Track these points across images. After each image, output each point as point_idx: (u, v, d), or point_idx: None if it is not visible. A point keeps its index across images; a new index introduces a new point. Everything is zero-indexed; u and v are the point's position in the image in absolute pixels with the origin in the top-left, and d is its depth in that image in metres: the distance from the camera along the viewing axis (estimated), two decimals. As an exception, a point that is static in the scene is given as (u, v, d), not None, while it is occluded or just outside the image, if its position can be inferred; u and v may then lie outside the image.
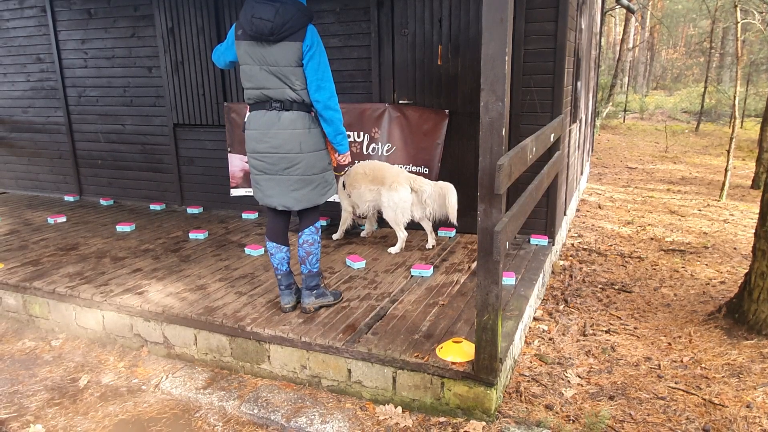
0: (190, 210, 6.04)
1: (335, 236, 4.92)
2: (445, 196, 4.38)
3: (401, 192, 4.36)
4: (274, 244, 3.35)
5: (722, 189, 7.84)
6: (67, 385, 3.26)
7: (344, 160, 3.39)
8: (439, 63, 4.80)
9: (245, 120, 3.27)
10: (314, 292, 3.41)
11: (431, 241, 4.66)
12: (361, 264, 4.22)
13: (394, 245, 4.60)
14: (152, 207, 6.24)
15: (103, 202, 6.52)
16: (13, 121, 7.00)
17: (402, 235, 4.52)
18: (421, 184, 4.42)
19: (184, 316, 3.43)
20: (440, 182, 4.46)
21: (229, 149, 5.66)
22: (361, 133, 5.09)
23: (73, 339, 3.82)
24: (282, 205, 3.23)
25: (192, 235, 5.06)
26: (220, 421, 2.89)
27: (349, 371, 3.05)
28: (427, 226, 4.63)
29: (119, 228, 5.35)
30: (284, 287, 3.43)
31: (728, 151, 7.95)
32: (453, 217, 4.40)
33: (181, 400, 3.09)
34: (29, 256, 4.59)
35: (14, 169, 7.21)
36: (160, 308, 3.51)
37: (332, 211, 5.30)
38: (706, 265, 5.13)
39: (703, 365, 3.34)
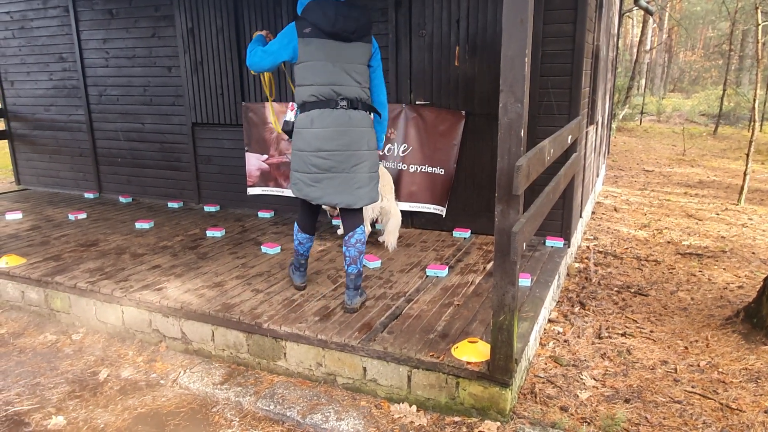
0: (207, 208, 6.11)
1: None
2: (389, 219, 4.52)
3: None
4: (307, 235, 3.58)
5: (741, 193, 7.75)
6: (87, 379, 3.32)
7: None
8: (456, 64, 4.81)
9: (291, 119, 3.33)
10: (359, 290, 3.49)
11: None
12: (376, 263, 4.25)
13: (395, 244, 4.70)
14: (170, 205, 6.32)
15: (122, 199, 6.62)
16: (35, 119, 7.13)
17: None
18: (385, 192, 4.54)
19: (202, 313, 3.47)
20: (395, 206, 4.56)
21: (246, 148, 5.72)
22: (378, 134, 5.11)
23: (93, 333, 3.89)
24: (345, 203, 3.30)
25: (209, 233, 5.12)
26: (237, 417, 2.93)
27: (365, 369, 3.07)
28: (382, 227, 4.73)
29: (138, 225, 5.43)
30: (304, 269, 3.75)
31: (747, 155, 7.85)
32: (387, 239, 4.52)
33: (199, 395, 3.13)
34: (51, 251, 4.67)
35: (36, 166, 7.35)
36: (178, 304, 3.56)
37: (275, 204, 5.78)
38: (724, 269, 5.08)
39: (720, 370, 3.32)
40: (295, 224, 3.59)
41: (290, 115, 3.35)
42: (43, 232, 5.29)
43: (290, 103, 3.34)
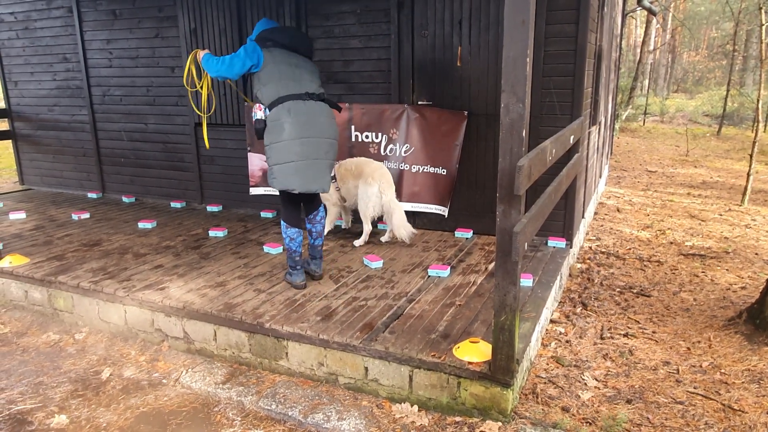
0: (209, 208, 6.12)
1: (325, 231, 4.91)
2: (392, 214, 4.55)
3: (373, 187, 4.56)
4: (296, 230, 3.73)
5: (744, 194, 7.73)
6: (90, 378, 3.33)
7: None
8: (458, 64, 4.81)
9: (262, 117, 3.50)
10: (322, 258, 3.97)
11: (386, 236, 4.89)
12: (378, 264, 4.25)
13: (381, 238, 4.82)
14: (173, 205, 6.34)
15: (125, 199, 6.64)
16: (39, 119, 7.16)
17: (367, 228, 4.73)
18: (385, 189, 4.57)
19: (204, 312, 3.48)
20: (395, 201, 4.60)
21: (249, 148, 5.73)
22: (380, 134, 5.12)
23: (96, 333, 3.90)
24: (321, 188, 3.58)
25: (212, 233, 5.13)
26: (239, 416, 2.94)
27: (366, 369, 3.07)
28: (388, 225, 4.77)
29: (141, 225, 5.44)
30: (300, 267, 3.82)
31: (751, 156, 7.83)
32: (398, 233, 4.57)
33: (201, 395, 3.14)
34: (54, 251, 4.69)
35: (40, 166, 7.37)
36: (180, 304, 3.57)
37: (278, 204, 5.81)
38: (727, 270, 5.07)
39: (722, 370, 3.31)
40: (282, 222, 3.75)
41: (260, 114, 3.50)
42: (47, 231, 5.31)
43: (257, 104, 3.50)
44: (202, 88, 4.01)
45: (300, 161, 3.46)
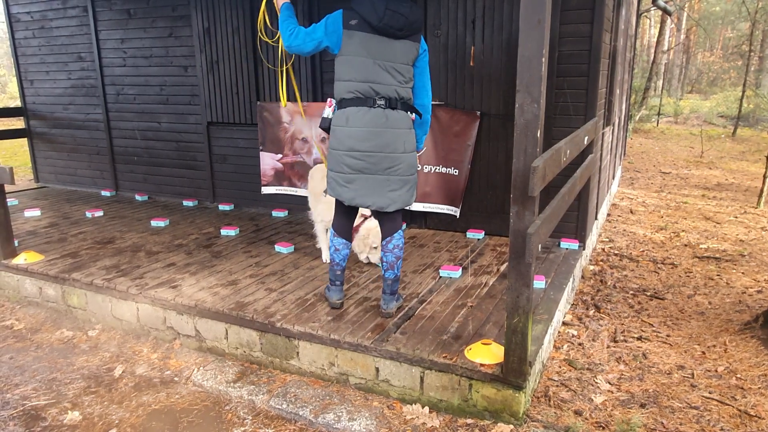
0: (221, 207, 6.14)
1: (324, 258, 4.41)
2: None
3: None
4: (343, 240, 3.36)
5: (760, 196, 7.62)
6: (102, 375, 3.35)
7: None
8: (471, 64, 4.79)
9: (329, 116, 3.17)
10: (396, 295, 3.41)
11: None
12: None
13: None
14: (185, 203, 6.37)
15: (138, 197, 6.69)
16: (54, 118, 7.23)
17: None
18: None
19: (216, 311, 3.49)
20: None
21: (261, 148, 5.75)
22: (392, 134, 5.10)
23: (108, 330, 3.93)
24: (377, 205, 3.15)
25: (223, 232, 5.15)
26: (250, 415, 2.94)
27: (377, 370, 3.07)
28: None
29: (154, 223, 5.47)
30: (340, 283, 3.45)
31: (767, 157, 7.72)
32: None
33: (212, 393, 3.15)
34: (68, 248, 4.73)
35: (54, 164, 7.45)
36: (192, 302, 3.58)
37: (289, 203, 5.34)
38: (743, 273, 5.00)
39: (738, 375, 3.26)
40: (331, 229, 3.42)
41: (327, 112, 3.19)
42: (61, 229, 5.36)
43: (329, 99, 3.19)
44: (276, 42, 3.55)
45: (352, 174, 3.10)
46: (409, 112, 3.17)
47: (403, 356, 2.96)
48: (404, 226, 4.86)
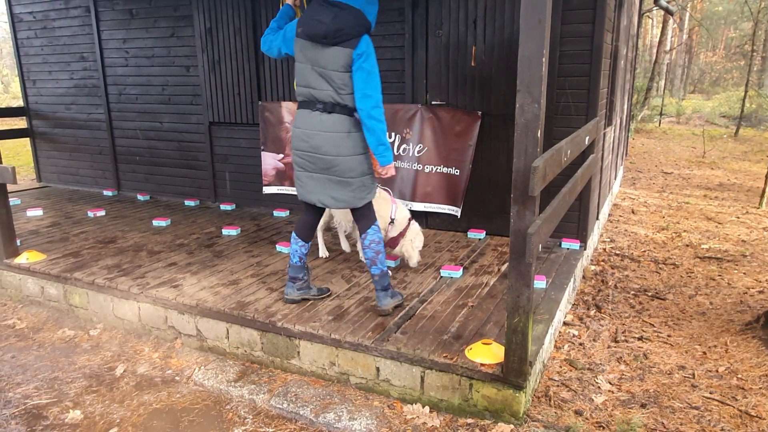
0: (223, 207, 6.15)
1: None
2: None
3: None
4: (301, 241, 3.48)
5: (762, 196, 7.61)
6: (104, 374, 3.36)
7: (386, 173, 3.31)
8: (472, 64, 4.79)
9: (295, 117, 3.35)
10: (389, 292, 3.41)
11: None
12: (390, 264, 4.24)
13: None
14: (187, 203, 6.38)
15: (140, 197, 6.70)
16: (56, 117, 7.24)
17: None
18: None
19: (217, 310, 3.50)
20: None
21: (262, 147, 5.75)
22: (393, 134, 5.11)
23: (110, 329, 3.94)
24: (320, 202, 3.31)
25: (225, 231, 5.16)
26: (250, 414, 2.95)
27: (378, 369, 3.07)
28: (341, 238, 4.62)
29: (155, 223, 5.48)
30: (289, 278, 3.56)
31: (769, 158, 7.71)
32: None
33: (213, 392, 3.16)
34: (70, 248, 4.74)
35: (56, 163, 7.46)
36: (193, 301, 3.59)
37: (291, 203, 5.35)
38: (744, 273, 4.99)
39: (739, 376, 3.26)
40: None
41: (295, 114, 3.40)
42: (63, 228, 5.37)
43: None
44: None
45: (300, 171, 3.31)
46: (352, 116, 3.18)
47: (404, 356, 2.96)
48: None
